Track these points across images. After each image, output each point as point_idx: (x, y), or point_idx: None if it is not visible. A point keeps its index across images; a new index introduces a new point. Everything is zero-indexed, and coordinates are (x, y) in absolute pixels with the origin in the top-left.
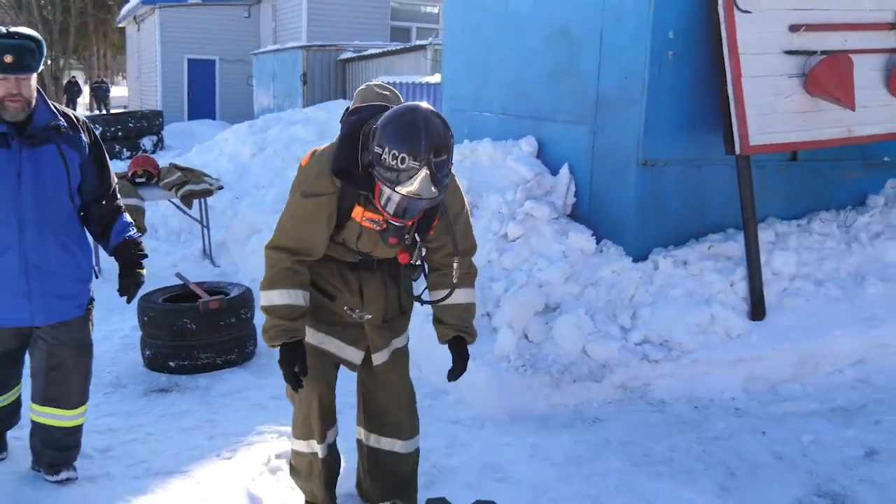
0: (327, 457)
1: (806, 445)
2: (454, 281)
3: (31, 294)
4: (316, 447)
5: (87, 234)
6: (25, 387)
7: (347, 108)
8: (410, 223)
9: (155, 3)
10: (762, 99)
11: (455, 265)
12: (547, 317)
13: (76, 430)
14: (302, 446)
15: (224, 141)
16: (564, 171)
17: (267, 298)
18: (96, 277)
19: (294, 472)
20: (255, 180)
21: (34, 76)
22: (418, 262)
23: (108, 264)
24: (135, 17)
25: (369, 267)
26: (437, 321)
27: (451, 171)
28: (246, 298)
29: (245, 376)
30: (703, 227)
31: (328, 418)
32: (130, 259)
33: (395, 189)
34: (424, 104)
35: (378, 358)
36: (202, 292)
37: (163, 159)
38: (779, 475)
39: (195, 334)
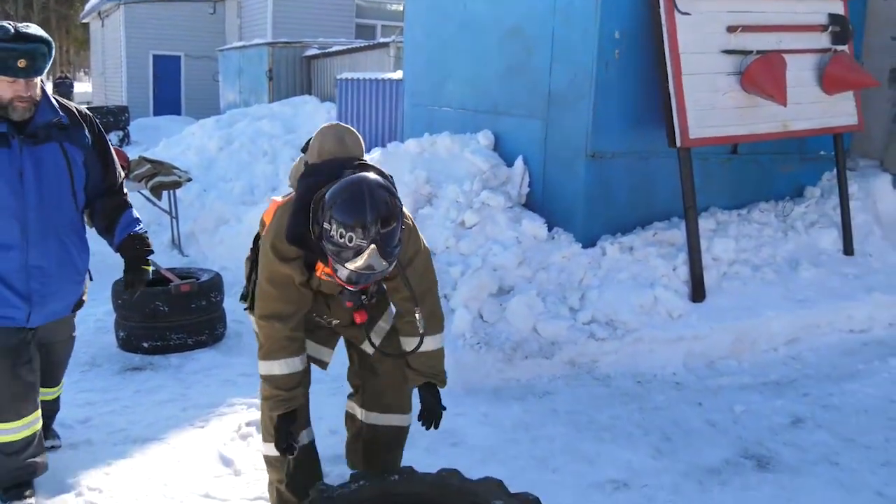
0: (299, 455)
1: (738, 414)
2: (420, 330)
3: (31, 294)
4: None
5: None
6: None
7: (306, 145)
8: (366, 286)
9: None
10: (701, 95)
11: (417, 315)
12: (501, 298)
13: (56, 401)
14: (271, 449)
15: (191, 135)
16: (519, 163)
17: (266, 368)
18: (90, 279)
19: (270, 485)
20: (222, 173)
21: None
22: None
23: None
24: (99, 13)
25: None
26: (407, 366)
27: (408, 223)
28: (216, 283)
29: (215, 356)
30: (649, 216)
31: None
32: (135, 254)
33: (345, 265)
34: (371, 175)
35: (368, 347)
36: (173, 277)
37: (130, 154)
38: (710, 439)
39: (167, 316)
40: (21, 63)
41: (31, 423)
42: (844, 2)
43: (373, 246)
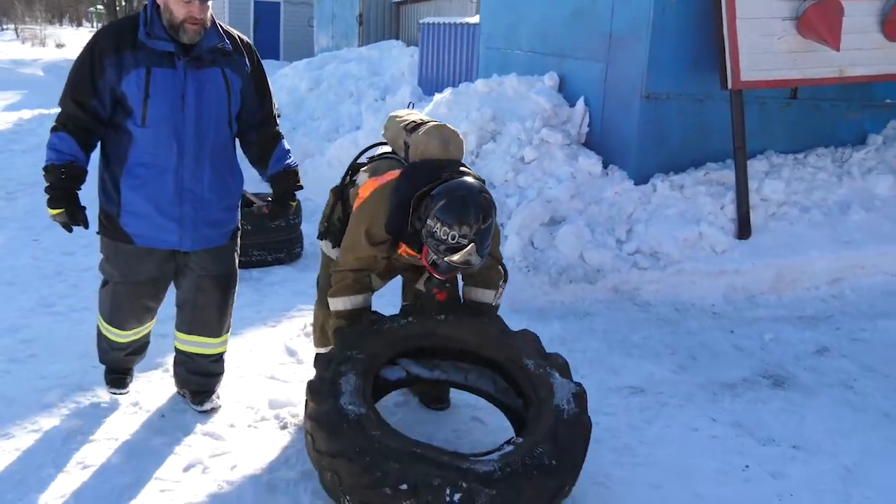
0: None
1: (766, 341)
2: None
3: (183, 217)
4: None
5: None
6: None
7: (412, 124)
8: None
9: None
10: (755, 39)
11: (501, 291)
12: (552, 228)
13: (219, 357)
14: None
15: (283, 76)
16: (580, 103)
17: (333, 305)
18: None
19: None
20: (310, 112)
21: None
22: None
23: None
24: None
25: None
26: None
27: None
28: (294, 207)
29: (291, 271)
30: (703, 157)
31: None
32: (287, 187)
33: (444, 258)
34: (472, 180)
35: (422, 285)
36: (258, 200)
37: None
38: (734, 361)
39: (250, 235)
40: None
41: (139, 332)
42: None
43: (472, 244)
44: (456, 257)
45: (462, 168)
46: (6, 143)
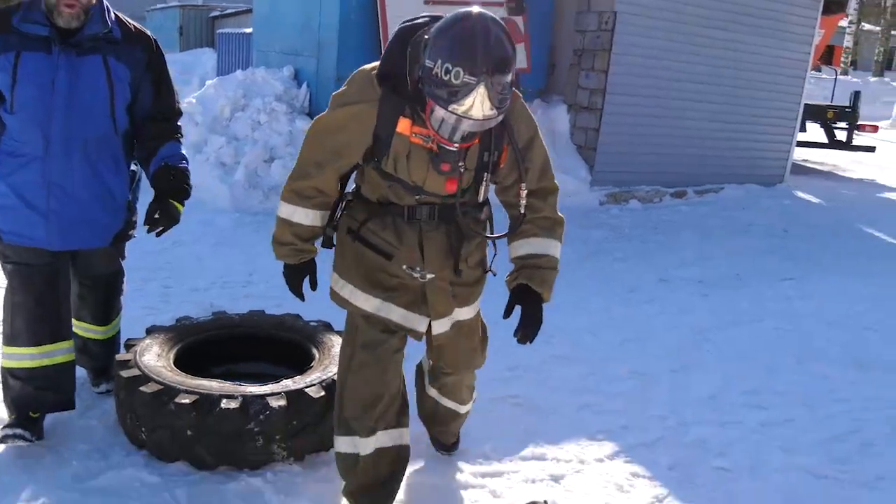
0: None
1: None
2: (521, 212)
3: (49, 213)
4: (359, 445)
5: (131, 161)
6: None
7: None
8: (467, 145)
9: None
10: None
11: (523, 193)
12: (270, 163)
13: (110, 342)
14: (345, 445)
15: None
16: (304, 86)
17: (289, 212)
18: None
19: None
20: None
21: None
22: (482, 200)
23: None
24: None
25: (430, 216)
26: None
27: (515, 92)
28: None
29: None
30: None
31: (381, 404)
32: (168, 186)
33: (448, 108)
34: (481, 10)
35: (437, 327)
36: None
37: None
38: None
39: None
40: None
41: (52, 354)
42: None
43: (482, 87)
44: (467, 104)
45: None
46: None
